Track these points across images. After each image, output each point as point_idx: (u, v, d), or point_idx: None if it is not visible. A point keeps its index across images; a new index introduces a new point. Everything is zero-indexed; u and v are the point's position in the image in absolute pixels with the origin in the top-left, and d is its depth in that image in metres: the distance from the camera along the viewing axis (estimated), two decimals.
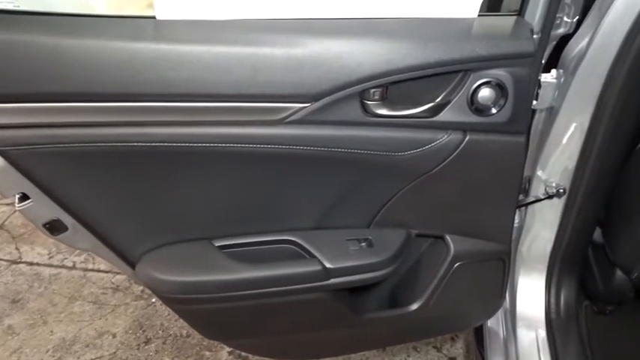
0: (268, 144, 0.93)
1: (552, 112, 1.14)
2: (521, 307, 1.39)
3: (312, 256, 1.05)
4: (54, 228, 0.96)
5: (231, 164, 0.96)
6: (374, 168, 1.00)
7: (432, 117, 0.96)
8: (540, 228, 1.32)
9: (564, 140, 1.16)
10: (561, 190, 1.21)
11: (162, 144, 0.90)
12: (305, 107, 0.91)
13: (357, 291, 1.21)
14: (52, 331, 2.15)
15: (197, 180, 0.97)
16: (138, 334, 2.12)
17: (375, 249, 1.08)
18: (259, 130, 0.92)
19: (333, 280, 1.05)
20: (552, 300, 1.39)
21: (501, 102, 0.95)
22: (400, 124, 0.97)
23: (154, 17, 0.87)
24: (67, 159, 0.90)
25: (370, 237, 1.10)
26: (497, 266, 1.22)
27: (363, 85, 0.90)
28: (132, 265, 1.03)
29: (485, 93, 0.94)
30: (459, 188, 1.06)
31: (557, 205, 1.27)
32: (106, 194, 0.96)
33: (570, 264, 1.37)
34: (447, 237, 1.14)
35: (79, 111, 0.86)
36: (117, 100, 0.86)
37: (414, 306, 1.21)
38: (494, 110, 0.95)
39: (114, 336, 2.12)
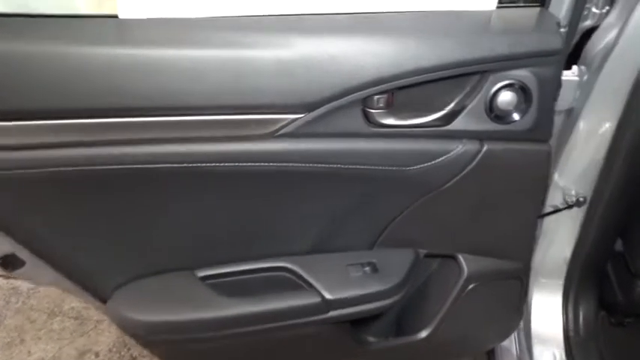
0: (257, 161, 0.80)
1: (573, 114, 1.03)
2: (536, 325, 1.28)
3: (310, 286, 0.92)
4: (8, 263, 0.82)
5: (215, 185, 0.82)
6: (378, 184, 0.87)
7: (444, 126, 0.84)
8: (557, 240, 1.21)
9: (586, 145, 1.05)
10: (581, 199, 1.10)
11: (133, 166, 0.77)
12: (298, 118, 0.78)
13: (359, 319, 1.08)
14: (29, 351, 2.01)
15: (176, 204, 0.84)
16: (122, 353, 1.98)
17: (380, 274, 0.95)
18: (246, 146, 0.79)
19: (333, 313, 0.93)
20: (570, 317, 1.28)
21: (524, 107, 0.83)
22: (408, 134, 0.84)
23: (116, 16, 0.73)
24: (18, 185, 0.76)
25: (374, 260, 0.97)
26: (514, 286, 1.10)
27: (365, 91, 0.78)
28: (103, 300, 0.90)
29: (506, 97, 0.82)
30: (474, 204, 0.94)
31: (576, 215, 1.16)
32: (68, 223, 0.83)
33: (589, 278, 1.26)
34: (460, 257, 1.02)
35: (30, 130, 0.72)
36: (76, 116, 0.72)
37: (423, 333, 1.08)
38: (516, 116, 0.83)
39: (97, 355, 1.98)
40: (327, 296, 0.91)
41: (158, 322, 0.86)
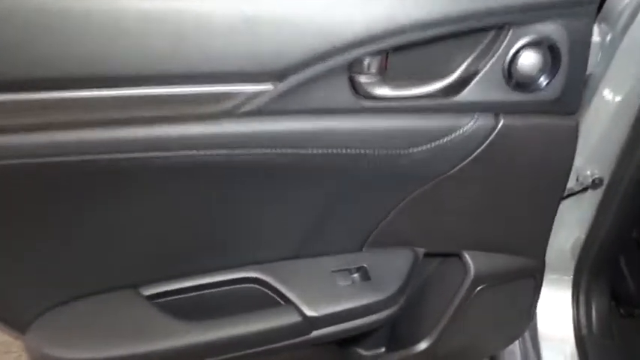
0: (213, 148, 0.61)
1: (591, 81, 0.87)
2: (543, 325, 1.13)
3: (287, 301, 0.75)
4: None
5: (160, 180, 0.64)
6: (369, 172, 0.70)
7: (451, 96, 0.67)
8: (565, 228, 1.07)
9: (606, 118, 0.90)
10: (598, 181, 0.95)
11: (50, 158, 0.57)
12: (265, 90, 0.60)
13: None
14: None
15: (111, 205, 0.65)
16: None
17: (372, 282, 0.78)
18: (199, 127, 0.60)
19: (317, 333, 0.75)
20: (582, 313, 1.14)
21: (551, 71, 0.66)
22: (406, 108, 0.67)
23: None
24: None
25: (365, 264, 0.80)
26: (526, 285, 0.94)
27: (351, 52, 0.60)
28: (21, 330, 0.70)
29: (529, 59, 0.65)
30: (485, 192, 0.77)
31: (590, 199, 1.01)
32: None
33: (601, 270, 1.13)
34: (466, 255, 0.86)
35: None
36: None
37: (422, 345, 0.92)
38: (541, 83, 0.66)
39: None
40: (309, 313, 0.74)
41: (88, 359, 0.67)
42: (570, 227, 1.07)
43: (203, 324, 0.71)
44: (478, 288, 0.88)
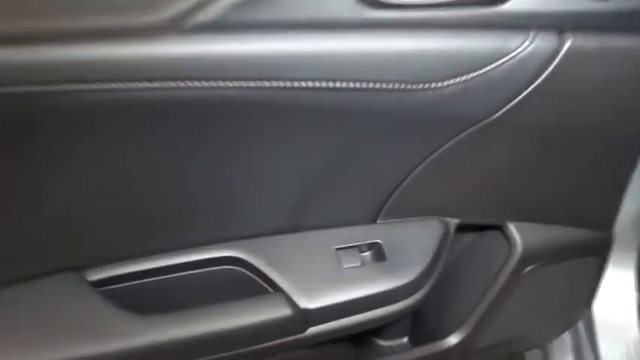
0: (155, 79, 0.43)
1: None
2: (600, 310, 0.94)
3: (275, 287, 0.57)
4: None
5: (102, 122, 0.46)
6: (382, 115, 0.51)
7: (497, 4, 0.47)
8: (630, 193, 0.86)
9: None
10: None
11: None
12: None
13: None
14: None
15: (36, 157, 0.47)
16: None
17: (389, 263, 0.60)
18: (129, 48, 0.42)
19: (313, 330, 0.58)
20: None
21: None
22: (431, 22, 0.48)
23: None
24: None
25: (379, 240, 0.61)
26: (587, 265, 0.75)
27: None
28: None
29: None
30: (540, 143, 0.58)
31: None
32: None
33: None
34: (511, 227, 0.67)
35: None
36: None
37: (454, 338, 0.74)
38: None
39: None
40: (303, 304, 0.56)
41: None
42: (634, 194, 0.87)
43: (166, 318, 0.55)
44: (526, 269, 0.69)
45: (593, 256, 0.74)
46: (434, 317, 0.79)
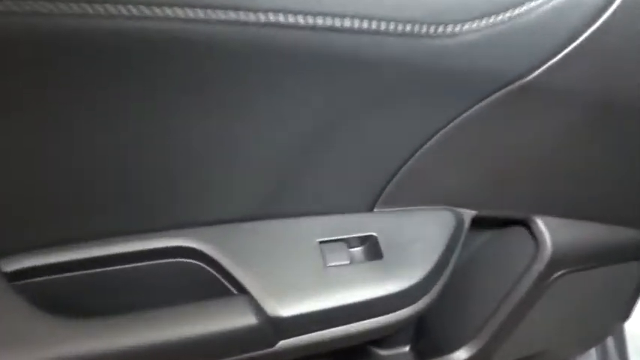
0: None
1: None
2: (632, 324, 0.81)
3: (239, 288, 0.45)
4: None
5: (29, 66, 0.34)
6: (383, 71, 0.39)
7: None
8: None
9: None
10: None
11: None
12: None
13: None
14: None
15: None
16: None
17: (386, 262, 0.48)
18: None
19: (286, 344, 0.45)
20: None
21: None
22: None
23: None
24: None
25: (374, 233, 0.49)
26: (629, 271, 0.62)
27: None
28: None
29: None
30: (581, 118, 0.45)
31: None
32: None
33: None
34: (539, 222, 0.54)
35: None
36: None
37: (463, 353, 0.62)
38: None
39: None
40: (273, 311, 0.44)
41: None
42: None
43: (96, 323, 0.43)
44: (555, 274, 0.57)
45: (636, 260, 0.61)
46: (441, 326, 0.66)
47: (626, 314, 0.69)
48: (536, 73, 0.40)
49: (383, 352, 0.74)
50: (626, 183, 0.54)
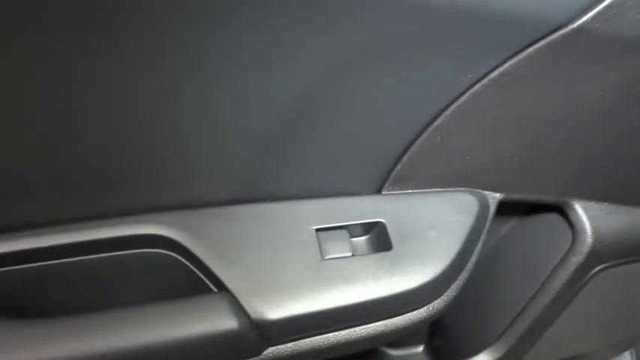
0: None
1: None
2: None
3: (219, 286, 0.37)
4: None
5: None
6: (396, 13, 0.31)
7: None
8: None
9: None
10: None
11: None
12: None
13: None
14: None
15: None
16: None
17: (396, 254, 0.40)
18: None
19: (274, 351, 0.38)
20: None
21: None
22: None
23: None
24: None
25: (382, 219, 0.41)
26: None
27: None
28: None
29: None
30: (635, 76, 0.37)
31: None
32: None
33: None
34: (578, 208, 0.46)
35: None
36: None
37: (485, 357, 0.54)
38: None
39: None
40: (259, 313, 0.36)
41: None
42: None
43: (51, 326, 0.35)
44: (596, 268, 0.48)
45: None
46: (461, 326, 0.58)
47: None
48: (588, 16, 0.32)
49: (393, 353, 0.66)
50: None
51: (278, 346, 0.38)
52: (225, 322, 0.36)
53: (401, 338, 0.46)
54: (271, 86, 0.34)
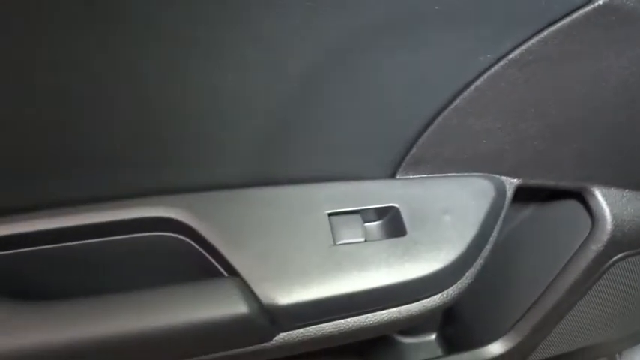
0: None
1: None
2: None
3: (229, 269, 0.36)
4: None
5: None
6: None
7: None
8: None
9: None
10: None
11: None
12: None
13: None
14: None
15: None
16: None
17: (410, 239, 0.39)
18: None
19: (286, 337, 0.37)
20: None
21: None
22: None
23: None
24: None
25: (396, 204, 0.40)
26: None
27: None
28: None
29: None
30: None
31: None
32: None
33: None
34: (598, 194, 0.45)
35: None
36: None
37: (498, 347, 0.53)
38: None
39: None
40: (270, 298, 0.35)
41: None
42: None
43: (64, 308, 0.35)
44: (615, 257, 0.47)
45: None
46: (475, 314, 0.57)
47: None
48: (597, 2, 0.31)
49: (405, 340, 0.66)
50: None
51: (289, 332, 0.37)
52: (236, 307, 0.35)
53: (413, 325, 0.45)
54: (282, 67, 0.33)
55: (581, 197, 0.47)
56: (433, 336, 0.66)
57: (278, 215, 0.38)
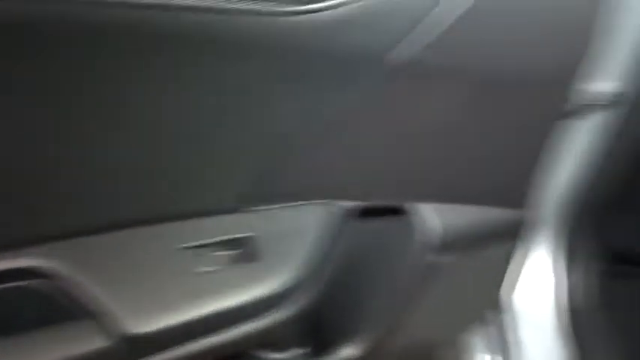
0: None
1: None
2: (520, 298, 0.84)
3: (98, 309, 0.39)
4: None
5: None
6: (242, 50, 0.36)
7: None
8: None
9: None
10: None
11: None
12: None
13: None
14: None
15: None
16: None
17: (258, 263, 0.44)
18: None
19: None
20: (573, 280, 0.85)
21: None
22: None
23: None
24: None
25: (245, 234, 0.45)
26: (506, 250, 0.63)
27: None
28: None
29: None
30: (454, 97, 0.45)
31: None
32: None
33: (594, 220, 0.83)
34: (416, 209, 0.54)
35: None
36: None
37: (355, 348, 0.60)
38: None
39: None
40: (130, 329, 0.39)
41: None
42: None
43: None
44: (434, 260, 0.56)
45: (511, 239, 0.62)
46: (334, 323, 0.64)
47: (510, 289, 0.71)
48: (405, 51, 0.39)
49: (271, 356, 0.70)
50: (496, 163, 0.55)
51: (145, 358, 0.40)
52: (96, 342, 0.38)
53: (272, 340, 0.50)
54: (127, 113, 0.38)
55: (407, 212, 0.55)
56: (298, 350, 0.72)
57: (138, 253, 0.42)
